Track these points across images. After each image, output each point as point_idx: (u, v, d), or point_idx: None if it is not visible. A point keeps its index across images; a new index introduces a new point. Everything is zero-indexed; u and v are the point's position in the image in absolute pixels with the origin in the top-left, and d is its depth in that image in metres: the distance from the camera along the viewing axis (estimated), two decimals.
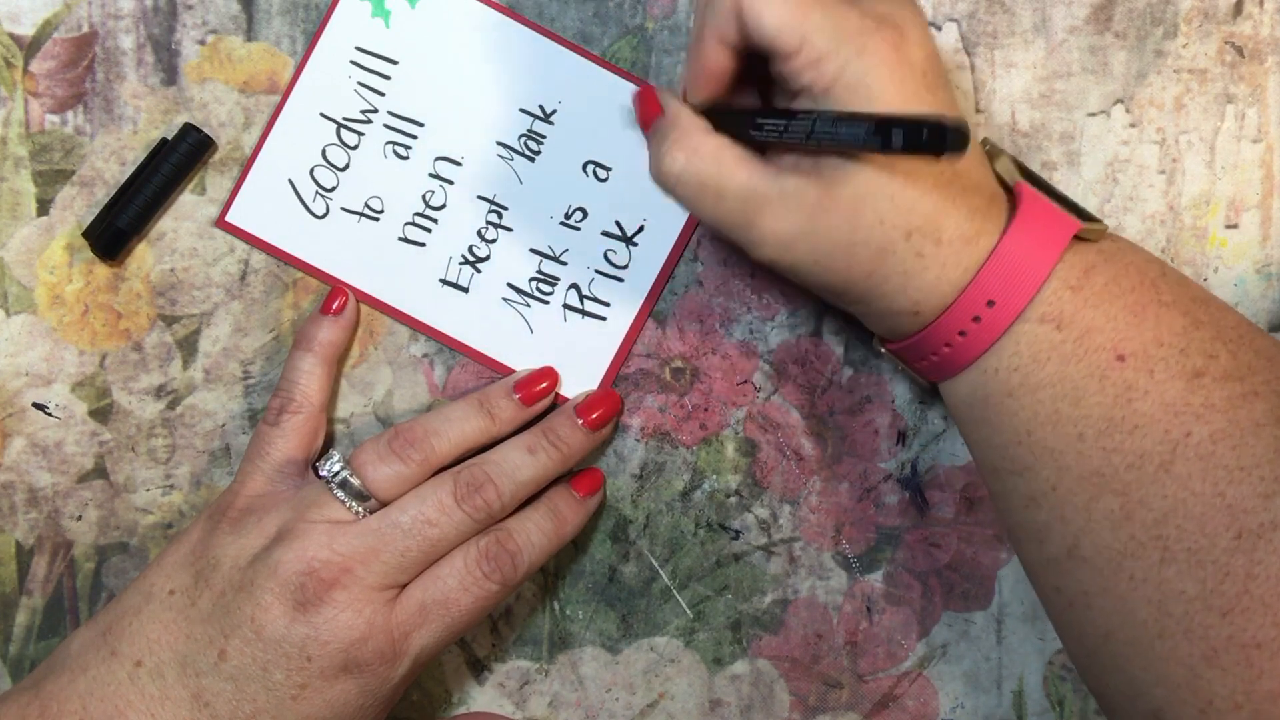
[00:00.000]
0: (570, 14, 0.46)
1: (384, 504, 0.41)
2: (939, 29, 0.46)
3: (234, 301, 0.46)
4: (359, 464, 0.41)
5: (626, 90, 0.46)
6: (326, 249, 0.46)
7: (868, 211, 0.37)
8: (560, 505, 0.44)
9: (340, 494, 0.41)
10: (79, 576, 0.46)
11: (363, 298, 0.46)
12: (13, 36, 0.46)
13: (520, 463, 0.43)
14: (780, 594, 0.47)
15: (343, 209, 0.46)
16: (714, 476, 0.47)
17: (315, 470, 0.43)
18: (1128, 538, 0.36)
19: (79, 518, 0.46)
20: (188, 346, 0.46)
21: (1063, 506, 0.37)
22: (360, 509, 0.41)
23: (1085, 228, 0.38)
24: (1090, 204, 0.46)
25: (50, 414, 0.46)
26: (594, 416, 0.44)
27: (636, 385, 0.46)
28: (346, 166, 0.46)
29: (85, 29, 0.46)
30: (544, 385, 0.45)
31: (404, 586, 0.41)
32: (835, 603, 0.47)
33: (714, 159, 0.39)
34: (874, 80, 0.36)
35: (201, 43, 0.46)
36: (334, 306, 0.45)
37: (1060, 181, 0.46)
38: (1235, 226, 0.46)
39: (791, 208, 0.37)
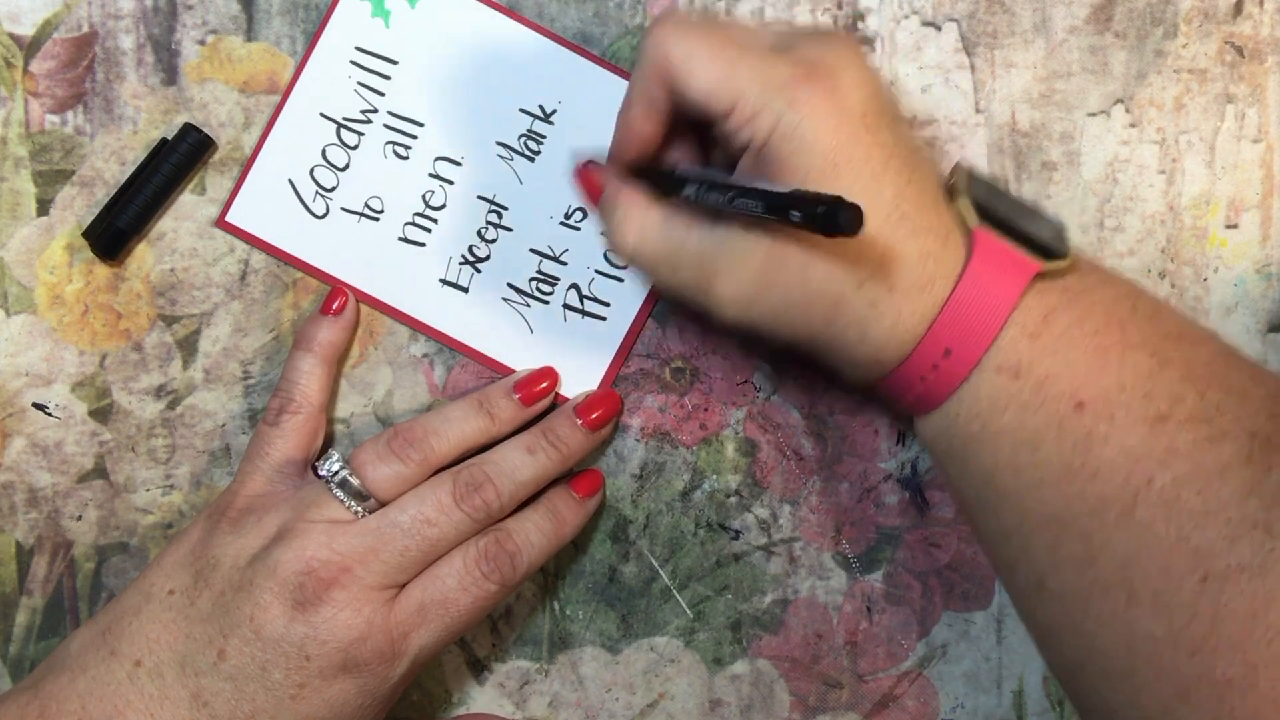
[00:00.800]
0: (570, 14, 0.46)
1: (383, 504, 0.41)
2: (939, 29, 0.46)
3: (234, 301, 0.46)
4: (358, 464, 0.42)
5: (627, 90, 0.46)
6: (326, 249, 0.46)
7: (817, 265, 0.37)
8: (560, 506, 0.44)
9: (339, 494, 0.41)
10: (79, 576, 0.46)
11: (363, 298, 0.46)
12: (13, 36, 0.46)
13: (520, 463, 0.43)
14: (780, 594, 0.47)
15: (343, 209, 0.46)
16: (714, 476, 0.47)
17: (315, 470, 0.43)
18: (1092, 579, 0.36)
19: (79, 518, 0.46)
20: (188, 346, 0.46)
21: (1028, 546, 0.38)
22: (360, 509, 0.41)
23: (1047, 266, 0.37)
24: (1090, 204, 0.46)
25: (50, 414, 0.46)
26: (594, 416, 0.44)
27: (636, 385, 0.46)
28: (346, 166, 0.46)
29: (85, 29, 0.46)
30: (544, 385, 0.45)
31: (403, 586, 0.41)
32: (835, 603, 0.47)
33: (664, 230, 0.39)
34: (808, 130, 0.36)
35: (201, 43, 0.46)
36: (334, 306, 0.45)
37: (1060, 181, 0.46)
38: (1235, 226, 0.46)
39: (743, 269, 0.37)
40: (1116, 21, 0.46)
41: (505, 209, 0.46)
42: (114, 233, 0.45)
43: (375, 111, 0.46)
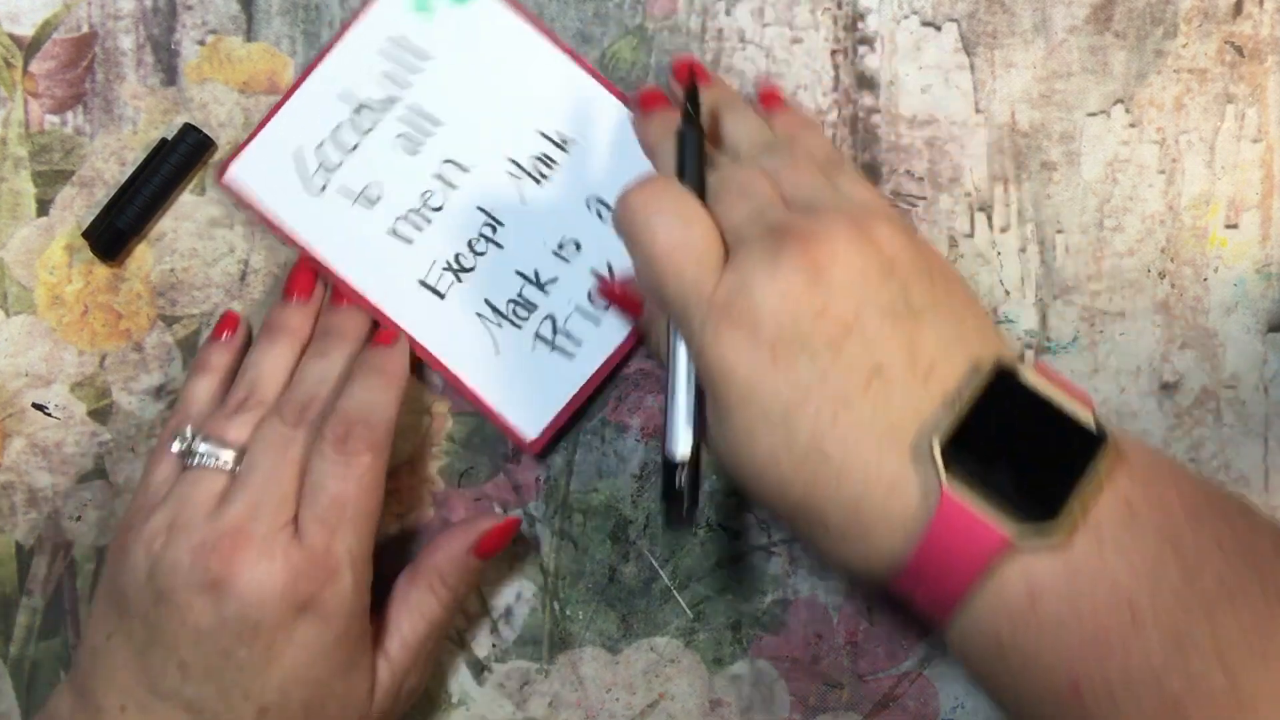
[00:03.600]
0: (570, 14, 0.46)
1: (243, 452, 0.42)
2: (939, 29, 0.46)
3: (234, 302, 0.46)
4: (209, 428, 0.42)
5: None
6: (314, 226, 0.46)
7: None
8: (373, 361, 0.44)
9: (203, 461, 0.41)
10: (79, 577, 0.46)
11: (338, 282, 0.46)
12: (13, 37, 0.46)
13: (323, 368, 0.44)
14: (780, 594, 0.47)
15: (339, 190, 0.46)
16: (714, 476, 0.47)
17: (179, 456, 0.43)
18: None
19: (79, 518, 0.46)
20: (188, 347, 0.46)
21: None
22: (230, 464, 0.41)
23: (1022, 543, 0.32)
24: (1090, 204, 0.46)
25: (50, 414, 0.46)
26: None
27: (636, 385, 0.46)
28: (355, 148, 0.46)
29: (85, 29, 0.46)
30: (308, 275, 0.46)
31: (295, 517, 0.41)
32: (835, 603, 0.47)
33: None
34: (722, 363, 0.35)
35: (201, 43, 0.46)
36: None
37: (1060, 181, 0.46)
38: (1235, 226, 0.46)
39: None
40: (1116, 21, 0.46)
41: (501, 225, 0.46)
42: (114, 233, 0.45)
43: (397, 101, 0.46)
